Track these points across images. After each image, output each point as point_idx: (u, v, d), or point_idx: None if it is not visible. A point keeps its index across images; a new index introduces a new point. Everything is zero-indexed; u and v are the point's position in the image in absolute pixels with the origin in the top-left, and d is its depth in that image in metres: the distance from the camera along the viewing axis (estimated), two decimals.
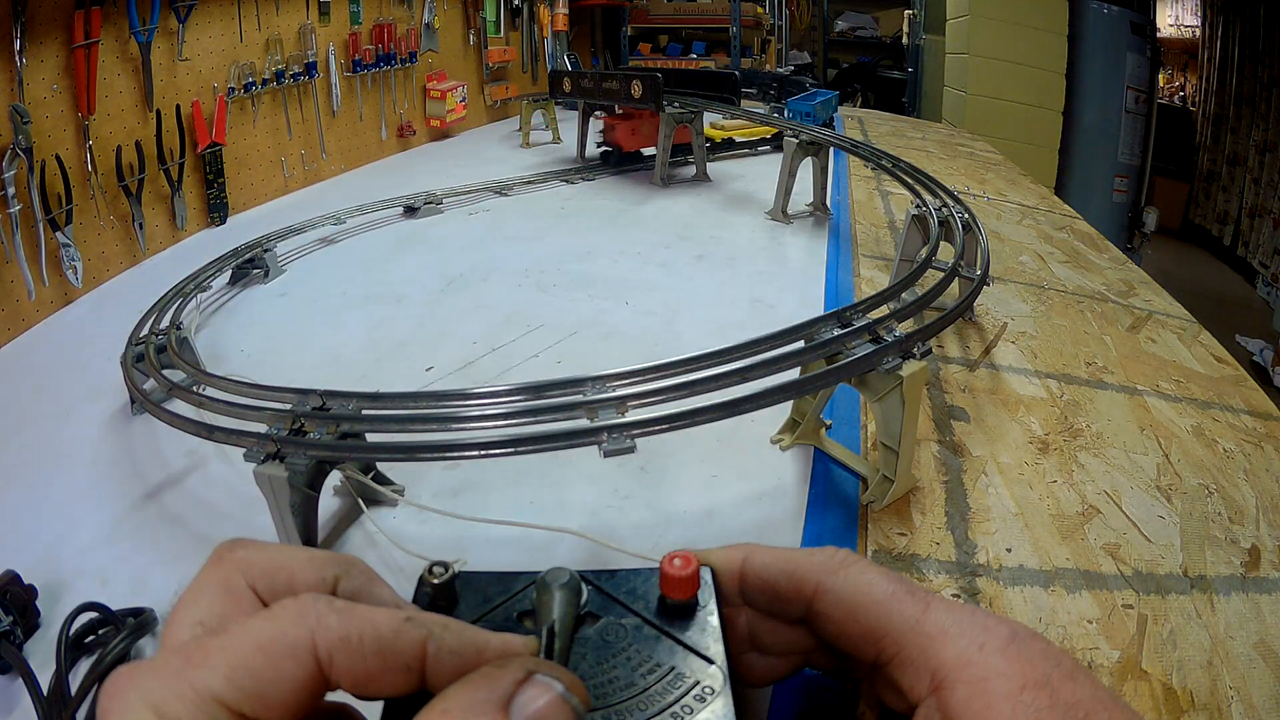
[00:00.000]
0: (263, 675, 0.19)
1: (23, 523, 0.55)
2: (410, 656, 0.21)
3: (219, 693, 0.19)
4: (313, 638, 0.20)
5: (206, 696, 0.19)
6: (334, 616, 0.20)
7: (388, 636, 0.21)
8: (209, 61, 1.18)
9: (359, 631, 0.20)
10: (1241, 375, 0.77)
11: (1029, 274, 0.98)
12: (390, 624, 0.21)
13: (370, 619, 0.21)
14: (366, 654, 0.20)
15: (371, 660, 0.20)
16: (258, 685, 0.19)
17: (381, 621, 0.21)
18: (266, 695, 0.19)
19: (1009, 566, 0.47)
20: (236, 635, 0.20)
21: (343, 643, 0.20)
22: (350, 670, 0.20)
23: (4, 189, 0.82)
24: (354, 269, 1.02)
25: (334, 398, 0.48)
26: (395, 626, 0.21)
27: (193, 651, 0.19)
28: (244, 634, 0.20)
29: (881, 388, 0.48)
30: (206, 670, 0.19)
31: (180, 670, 0.19)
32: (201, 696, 0.19)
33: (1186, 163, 3.78)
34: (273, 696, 0.19)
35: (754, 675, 0.29)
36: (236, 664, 0.19)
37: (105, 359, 0.74)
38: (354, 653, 0.20)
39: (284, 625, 0.20)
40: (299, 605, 0.20)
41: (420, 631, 0.21)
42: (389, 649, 0.20)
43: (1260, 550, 0.50)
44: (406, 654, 0.21)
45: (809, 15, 4.94)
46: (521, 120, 1.79)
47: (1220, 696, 0.39)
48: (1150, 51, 3.16)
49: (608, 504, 0.54)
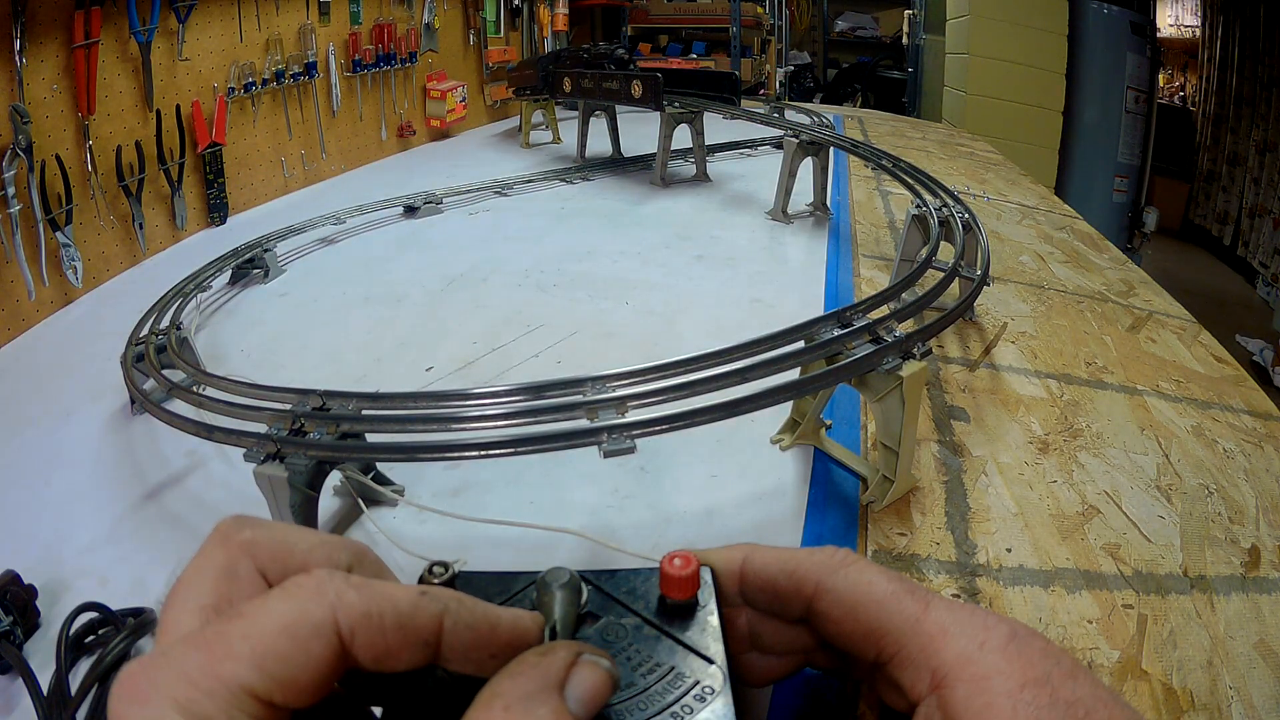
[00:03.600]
0: (291, 660, 0.18)
1: (23, 523, 0.55)
2: (428, 631, 0.21)
3: (248, 683, 0.18)
4: (334, 615, 0.19)
5: (236, 689, 0.18)
6: (353, 593, 0.20)
7: (406, 611, 0.20)
8: (209, 61, 1.18)
9: (379, 607, 0.20)
10: (1241, 375, 0.77)
11: (1029, 274, 0.98)
12: (408, 599, 0.21)
13: (389, 594, 0.20)
14: (387, 630, 0.20)
15: (392, 636, 0.20)
16: (287, 670, 0.18)
17: (400, 597, 0.21)
18: (298, 679, 0.19)
19: (1009, 566, 0.47)
20: (257, 619, 0.19)
21: (364, 619, 0.20)
22: (371, 646, 0.20)
23: (4, 189, 0.82)
24: (354, 269, 1.02)
25: (334, 398, 0.48)
26: (413, 601, 0.21)
27: (213, 641, 0.19)
28: (265, 617, 0.19)
29: (881, 388, 0.48)
30: (232, 661, 0.18)
31: (204, 664, 0.18)
32: (230, 690, 0.18)
33: (1186, 163, 3.78)
34: (303, 680, 0.19)
35: (754, 675, 0.29)
36: (263, 651, 0.18)
37: (105, 359, 0.74)
38: (375, 629, 0.20)
39: (305, 604, 0.19)
40: (316, 582, 0.20)
41: (436, 605, 0.21)
42: (408, 624, 0.20)
43: (1260, 550, 0.50)
44: (425, 628, 0.21)
45: (809, 15, 4.94)
46: (521, 120, 1.79)
47: (1220, 696, 0.39)
48: (1150, 51, 3.16)
49: (608, 504, 0.54)
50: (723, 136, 1.60)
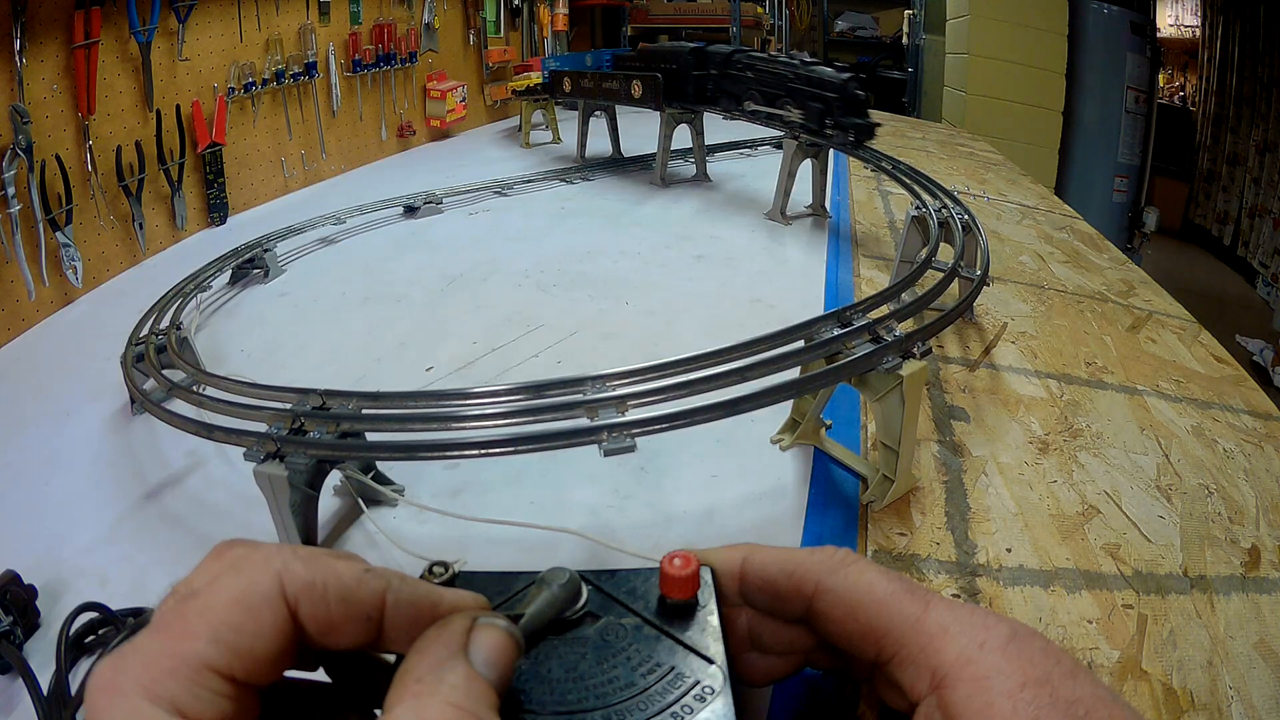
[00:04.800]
0: (245, 629, 0.19)
1: (23, 523, 0.55)
2: (370, 606, 0.21)
3: (207, 658, 0.19)
4: (281, 583, 0.20)
5: (196, 665, 0.18)
6: (299, 564, 0.21)
7: (350, 585, 0.21)
8: (209, 61, 1.18)
9: (323, 578, 0.21)
10: (1241, 375, 0.77)
11: (1029, 274, 0.98)
12: (352, 572, 0.21)
13: (333, 567, 0.21)
14: (330, 601, 0.21)
15: (335, 608, 0.21)
16: (241, 639, 0.19)
17: (344, 570, 0.21)
18: (254, 649, 0.19)
19: (1009, 566, 0.47)
20: (210, 595, 0.20)
21: (308, 589, 0.20)
22: (315, 617, 0.20)
23: (4, 189, 0.82)
24: (354, 269, 1.02)
25: (334, 397, 0.48)
26: (357, 575, 0.21)
27: (172, 622, 0.19)
28: (217, 592, 0.20)
29: (881, 388, 0.48)
30: (190, 639, 0.19)
31: (164, 645, 0.19)
32: (191, 667, 0.18)
33: (1186, 163, 3.77)
34: (259, 649, 0.19)
35: (754, 675, 0.29)
36: (217, 623, 0.19)
37: (105, 359, 0.74)
38: (319, 599, 0.20)
39: (253, 575, 0.20)
40: (263, 555, 0.21)
41: (380, 582, 0.22)
42: (351, 597, 0.21)
43: (1260, 550, 0.50)
44: (367, 603, 0.21)
45: (809, 15, 4.93)
46: (521, 120, 1.79)
47: (1220, 696, 0.39)
48: (1150, 51, 3.16)
49: (608, 504, 0.54)
50: (723, 136, 1.60)
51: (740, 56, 1.24)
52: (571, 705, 0.23)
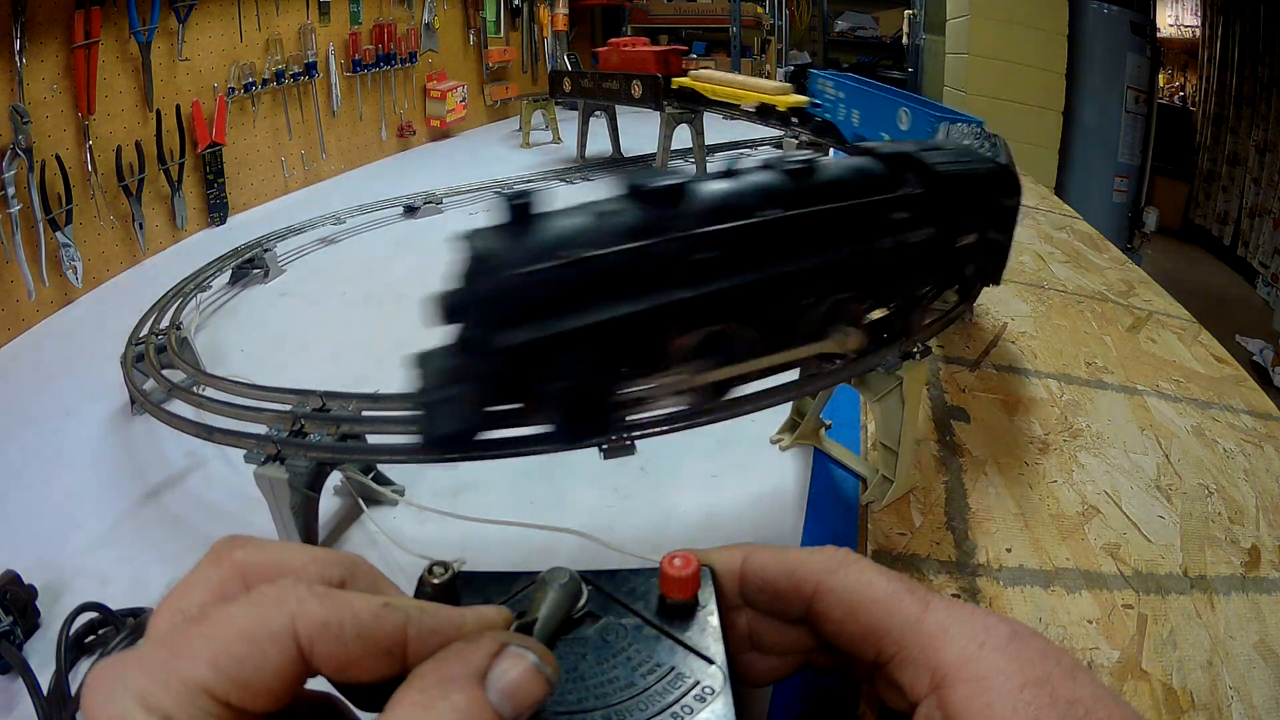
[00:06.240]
0: (246, 662, 0.19)
1: (23, 523, 0.55)
2: (391, 641, 0.21)
3: (205, 681, 0.18)
4: (294, 623, 0.20)
5: (193, 686, 0.18)
6: (314, 601, 0.20)
7: (368, 622, 0.21)
8: (209, 61, 1.18)
9: (339, 617, 0.20)
10: (1241, 375, 0.77)
11: (1029, 274, 0.98)
12: (369, 609, 0.21)
13: (350, 604, 0.21)
14: (347, 639, 0.20)
15: (353, 645, 0.20)
16: (242, 672, 0.19)
17: (360, 607, 0.21)
18: (252, 682, 0.19)
19: (1009, 566, 0.47)
20: (218, 623, 0.20)
21: (323, 629, 0.20)
22: (331, 656, 0.20)
23: (4, 189, 0.82)
24: (354, 269, 1.02)
25: (334, 399, 0.48)
26: (375, 611, 0.21)
27: (176, 640, 0.19)
28: (226, 621, 0.20)
29: (881, 388, 0.48)
30: (190, 659, 0.19)
31: (165, 660, 0.19)
32: (188, 686, 0.18)
33: (1186, 163, 3.77)
34: (257, 683, 0.19)
35: (754, 675, 0.29)
36: (220, 651, 0.19)
37: (105, 359, 0.74)
38: (335, 638, 0.20)
39: (264, 611, 0.20)
40: (278, 591, 0.20)
41: (398, 615, 0.21)
42: (369, 634, 0.20)
43: (1260, 550, 0.50)
44: (387, 639, 0.21)
45: (809, 15, 4.93)
46: (521, 120, 1.79)
47: (1220, 696, 0.39)
48: (1150, 51, 3.16)
49: (608, 504, 0.54)
50: (723, 136, 1.60)
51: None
52: (571, 705, 0.23)
